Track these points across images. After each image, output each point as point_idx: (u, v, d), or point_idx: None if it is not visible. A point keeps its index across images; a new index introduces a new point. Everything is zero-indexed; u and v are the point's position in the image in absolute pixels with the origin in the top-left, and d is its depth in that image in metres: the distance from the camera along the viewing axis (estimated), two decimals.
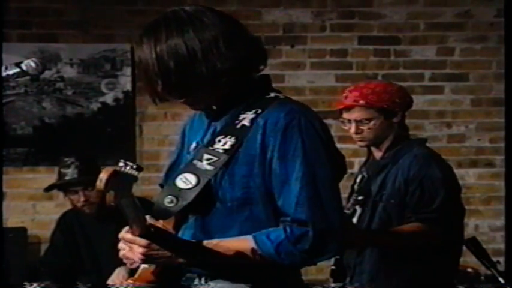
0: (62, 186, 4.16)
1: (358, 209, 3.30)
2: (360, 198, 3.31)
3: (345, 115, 3.33)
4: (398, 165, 3.26)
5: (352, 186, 3.40)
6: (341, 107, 3.33)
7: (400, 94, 3.32)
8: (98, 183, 1.80)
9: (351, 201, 3.32)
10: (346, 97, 3.32)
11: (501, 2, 5.23)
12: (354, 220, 3.30)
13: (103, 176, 1.80)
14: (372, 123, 3.27)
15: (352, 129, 3.30)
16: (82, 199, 4.05)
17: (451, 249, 3.29)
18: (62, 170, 4.10)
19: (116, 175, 1.80)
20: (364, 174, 3.36)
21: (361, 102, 3.26)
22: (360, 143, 3.35)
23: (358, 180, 3.38)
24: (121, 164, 1.84)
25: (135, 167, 1.84)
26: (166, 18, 2.04)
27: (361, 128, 3.29)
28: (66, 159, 4.09)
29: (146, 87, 2.06)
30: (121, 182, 1.81)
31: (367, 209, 3.28)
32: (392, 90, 3.32)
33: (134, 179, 1.84)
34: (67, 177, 4.07)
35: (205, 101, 2.07)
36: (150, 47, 2.01)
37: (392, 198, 3.22)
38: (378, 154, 3.36)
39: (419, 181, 3.18)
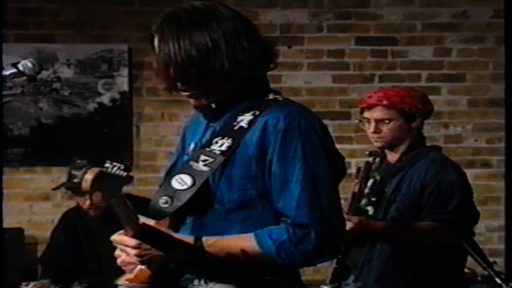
0: (70, 187, 4.18)
1: (371, 210, 3.35)
2: (373, 199, 3.35)
3: (366, 114, 3.40)
4: (415, 168, 3.34)
5: (368, 178, 3.41)
6: (364, 105, 3.42)
7: (422, 100, 3.41)
8: (83, 184, 1.79)
9: (364, 201, 3.36)
10: (370, 97, 3.41)
11: (497, 2, 5.23)
12: None
13: (88, 177, 1.79)
14: (391, 123, 3.34)
15: (371, 129, 3.37)
16: (88, 202, 4.07)
17: (458, 249, 3.34)
18: (73, 172, 4.12)
19: (101, 176, 1.79)
20: (377, 177, 3.40)
21: (384, 102, 3.34)
22: (376, 144, 3.40)
23: (369, 183, 3.41)
24: (107, 164, 1.83)
25: (122, 167, 1.83)
26: (186, 9, 2.03)
27: (380, 127, 3.36)
28: (78, 161, 4.11)
29: (163, 77, 2.03)
30: (108, 183, 1.80)
31: (380, 210, 3.34)
32: (416, 96, 3.41)
33: (124, 179, 1.83)
34: (76, 180, 4.09)
35: (216, 95, 2.06)
36: (173, 36, 1.99)
37: (407, 199, 3.29)
38: (393, 158, 3.42)
39: (437, 184, 3.27)
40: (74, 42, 5.15)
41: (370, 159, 3.40)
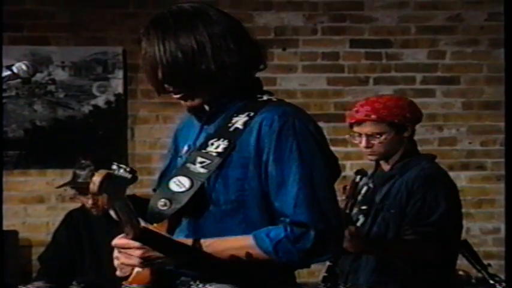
0: (74, 187, 4.21)
1: (362, 218, 3.32)
2: (363, 207, 3.33)
3: (356, 129, 3.34)
4: (404, 176, 3.29)
5: (355, 196, 3.38)
6: (352, 121, 3.35)
7: (410, 109, 3.35)
8: (91, 186, 1.79)
9: (355, 210, 3.34)
10: (357, 111, 3.34)
11: (492, 5, 5.25)
12: None
13: (96, 179, 1.79)
14: (383, 137, 3.29)
15: (363, 143, 3.32)
16: (91, 202, 4.11)
17: (446, 259, 3.32)
18: (77, 171, 4.16)
19: (109, 178, 1.80)
20: (370, 185, 3.38)
21: (373, 116, 3.28)
22: (370, 157, 3.37)
23: (363, 191, 3.39)
24: (114, 167, 1.84)
25: (128, 169, 1.84)
26: (173, 12, 2.04)
27: (372, 142, 3.30)
28: (83, 161, 4.15)
29: (150, 79, 2.05)
30: (114, 185, 1.81)
31: (370, 218, 3.30)
32: (404, 105, 3.35)
33: (128, 182, 1.83)
34: (80, 180, 4.13)
35: (205, 96, 2.06)
36: (158, 39, 2.00)
37: (392, 208, 3.25)
38: (386, 167, 3.39)
39: (423, 194, 3.22)
40: (68, 45, 5.15)
41: (357, 178, 3.36)
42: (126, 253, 1.97)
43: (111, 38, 5.15)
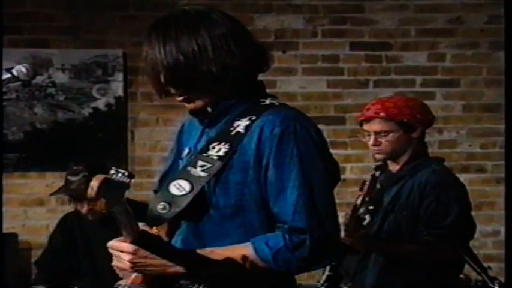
0: (67, 194, 4.19)
1: (368, 218, 3.32)
2: (370, 207, 3.32)
3: (365, 126, 3.36)
4: (415, 178, 3.30)
5: (372, 192, 3.39)
6: (362, 118, 3.38)
7: (421, 110, 3.37)
8: (89, 191, 1.79)
9: (362, 210, 3.34)
10: (368, 109, 3.37)
11: (492, 8, 5.25)
12: None
13: (94, 183, 1.79)
14: (390, 135, 3.30)
15: (371, 141, 3.33)
16: (86, 208, 4.09)
17: (455, 262, 3.33)
18: (69, 178, 4.10)
19: (107, 182, 1.79)
20: (377, 186, 3.38)
21: (382, 114, 3.30)
22: (377, 156, 3.37)
23: None
24: (112, 171, 1.84)
25: (126, 174, 1.83)
26: (175, 15, 2.05)
27: (380, 140, 3.32)
28: (75, 167, 4.09)
29: (152, 81, 2.06)
30: (112, 189, 1.80)
31: (377, 219, 3.31)
32: (414, 106, 3.37)
33: (127, 186, 1.83)
34: (73, 186, 4.08)
35: (208, 98, 2.07)
36: (159, 41, 2.01)
37: (405, 209, 3.26)
38: (394, 168, 3.39)
39: (435, 196, 3.23)
40: (68, 47, 5.15)
41: (377, 173, 3.38)
42: (119, 256, 1.98)
43: (111, 41, 5.15)
